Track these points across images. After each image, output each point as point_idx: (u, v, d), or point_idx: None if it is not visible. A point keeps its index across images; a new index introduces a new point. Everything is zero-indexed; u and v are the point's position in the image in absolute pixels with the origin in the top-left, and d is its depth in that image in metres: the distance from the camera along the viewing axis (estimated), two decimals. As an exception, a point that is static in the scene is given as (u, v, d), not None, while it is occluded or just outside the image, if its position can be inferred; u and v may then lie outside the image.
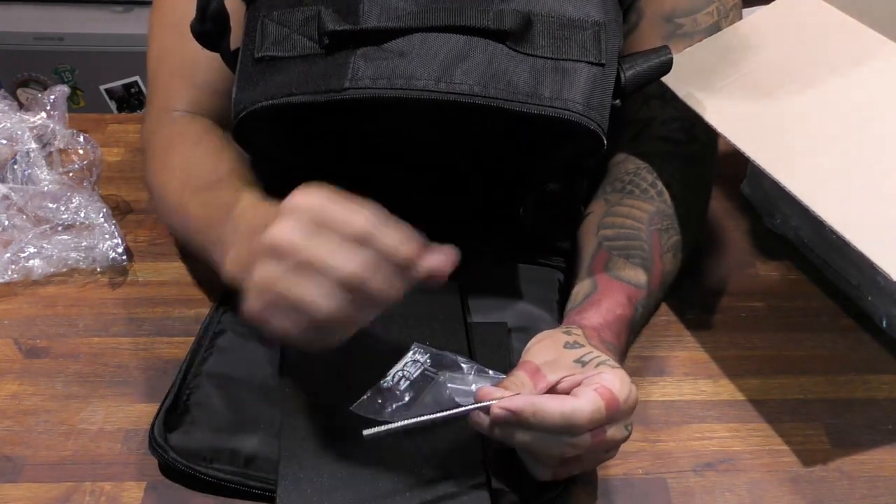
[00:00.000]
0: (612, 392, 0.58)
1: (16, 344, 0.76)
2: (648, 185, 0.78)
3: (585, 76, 0.66)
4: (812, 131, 0.71)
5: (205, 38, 0.70)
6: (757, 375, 0.75)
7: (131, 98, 1.81)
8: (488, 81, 0.63)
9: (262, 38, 0.67)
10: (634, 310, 0.72)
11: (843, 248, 0.81)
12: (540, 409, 0.57)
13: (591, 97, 0.65)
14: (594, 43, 0.67)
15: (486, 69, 0.64)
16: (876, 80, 0.74)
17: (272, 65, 0.66)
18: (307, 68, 0.65)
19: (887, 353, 0.78)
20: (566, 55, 0.66)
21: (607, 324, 0.69)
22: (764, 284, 0.85)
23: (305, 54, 0.65)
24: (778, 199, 0.88)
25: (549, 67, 0.65)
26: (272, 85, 0.65)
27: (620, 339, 0.70)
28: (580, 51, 0.66)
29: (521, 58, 0.65)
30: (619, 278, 0.73)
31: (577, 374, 0.60)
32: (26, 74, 1.79)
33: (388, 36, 0.64)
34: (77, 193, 0.85)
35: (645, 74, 0.71)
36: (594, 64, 0.66)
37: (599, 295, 0.71)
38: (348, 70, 0.63)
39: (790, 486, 0.66)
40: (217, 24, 0.68)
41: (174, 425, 0.66)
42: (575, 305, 0.71)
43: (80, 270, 0.83)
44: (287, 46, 0.66)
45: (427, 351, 0.65)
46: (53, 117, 0.90)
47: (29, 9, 1.77)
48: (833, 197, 0.66)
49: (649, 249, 0.75)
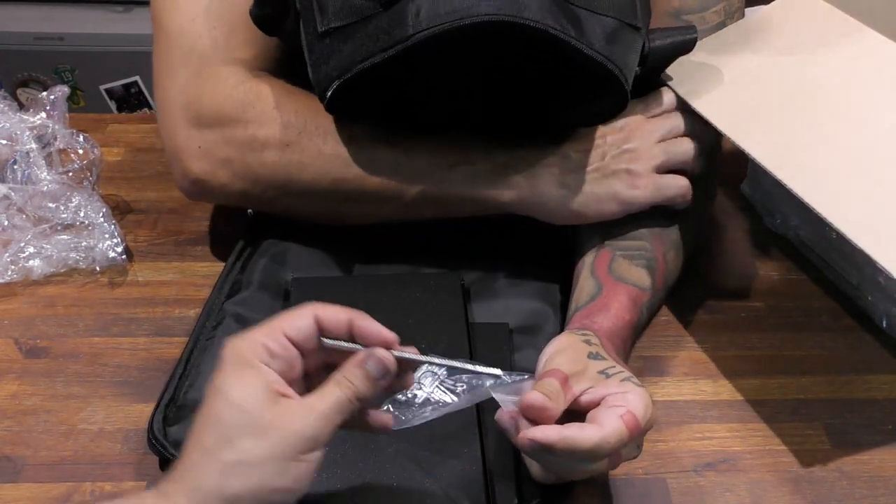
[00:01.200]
0: (637, 418, 0.57)
1: (16, 344, 0.76)
2: None
3: (625, 36, 0.68)
4: (812, 130, 0.71)
5: (264, 23, 0.70)
6: (757, 375, 0.75)
7: (131, 98, 1.81)
8: (545, 16, 0.64)
9: (321, 11, 0.67)
10: (640, 313, 0.72)
11: (843, 248, 0.81)
12: (571, 443, 0.56)
13: (621, 53, 0.68)
14: (630, 6, 0.69)
15: (542, 7, 0.64)
16: (876, 80, 0.74)
17: (338, 35, 0.66)
18: (372, 28, 0.65)
19: (887, 352, 0.78)
20: (608, 12, 0.67)
21: (617, 330, 0.69)
22: (764, 284, 0.85)
23: (366, 15, 0.66)
24: (778, 198, 0.88)
25: (594, 20, 0.66)
26: (344, 55, 0.66)
27: (627, 344, 0.70)
28: (620, 11, 0.68)
29: (568, 6, 0.66)
30: (625, 280, 0.73)
31: (599, 388, 0.59)
32: (26, 74, 1.79)
33: None
34: (77, 193, 0.85)
35: (669, 48, 0.74)
36: (631, 26, 0.69)
37: (606, 298, 0.71)
38: (409, 17, 0.64)
39: (790, 486, 0.66)
40: (276, 6, 0.69)
41: (173, 420, 0.66)
42: (580, 306, 0.71)
43: (80, 270, 0.83)
44: (347, 13, 0.66)
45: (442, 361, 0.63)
46: (53, 117, 0.90)
47: (29, 9, 1.77)
48: (834, 195, 0.66)
49: (652, 249, 0.75)
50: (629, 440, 0.57)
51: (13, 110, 0.90)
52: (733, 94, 0.76)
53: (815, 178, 0.67)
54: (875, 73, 0.74)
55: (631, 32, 0.69)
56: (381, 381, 0.54)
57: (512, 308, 0.76)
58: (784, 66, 0.77)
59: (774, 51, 0.79)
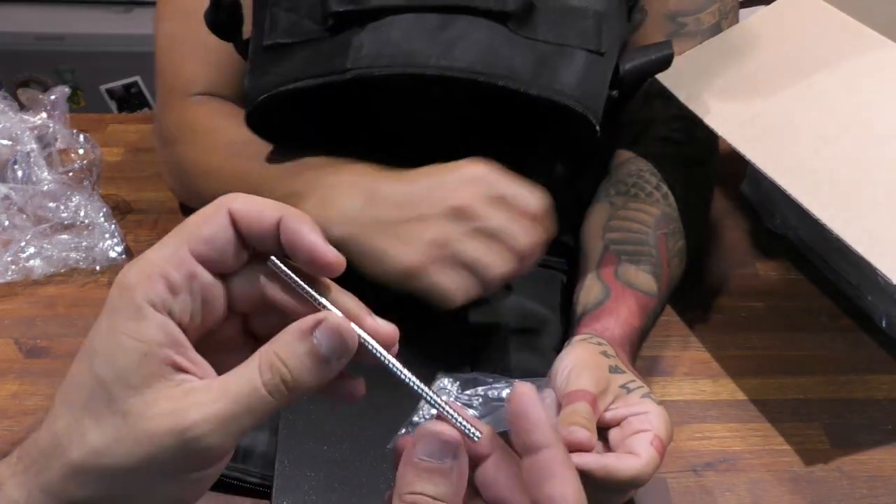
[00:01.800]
0: (663, 442, 0.57)
1: (16, 344, 0.76)
2: (653, 188, 0.78)
3: (583, 63, 0.66)
4: (812, 133, 0.71)
5: (219, 29, 0.70)
6: (757, 375, 0.75)
7: (131, 98, 1.81)
8: (488, 60, 0.63)
9: (272, 26, 0.67)
10: (647, 319, 0.72)
11: (843, 249, 0.81)
12: (611, 473, 0.55)
13: (587, 84, 0.66)
14: (595, 31, 0.67)
15: (486, 49, 0.64)
16: (876, 81, 0.74)
17: (281, 52, 0.66)
18: (313, 52, 0.65)
19: (887, 353, 0.78)
20: (566, 41, 0.66)
21: (627, 336, 0.69)
22: (764, 284, 0.85)
23: (312, 38, 0.66)
24: (778, 199, 0.88)
25: (549, 52, 0.65)
26: (281, 72, 0.66)
27: (634, 350, 0.70)
28: (580, 38, 0.67)
29: (521, 40, 0.65)
30: (632, 286, 0.72)
31: (621, 406, 0.59)
32: (27, 74, 1.79)
33: (390, 15, 0.65)
34: (77, 193, 0.85)
35: (644, 67, 0.71)
36: (593, 52, 0.67)
37: (615, 303, 0.71)
38: (350, 50, 0.64)
39: (790, 486, 0.66)
40: (230, 14, 0.69)
41: None
42: (588, 310, 0.71)
43: (80, 270, 0.83)
44: (295, 32, 0.67)
45: (455, 378, 0.62)
46: (54, 117, 0.90)
47: (29, 9, 1.77)
48: (832, 199, 0.66)
49: (657, 255, 0.75)
50: (660, 466, 0.57)
51: (13, 110, 0.90)
52: (732, 96, 0.76)
53: (814, 181, 0.67)
54: (875, 74, 0.74)
55: (598, 61, 0.67)
56: (332, 364, 0.36)
57: (512, 310, 0.76)
58: (783, 67, 0.77)
59: (774, 52, 0.79)
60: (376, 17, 0.64)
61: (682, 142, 0.81)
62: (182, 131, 0.81)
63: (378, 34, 0.64)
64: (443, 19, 0.64)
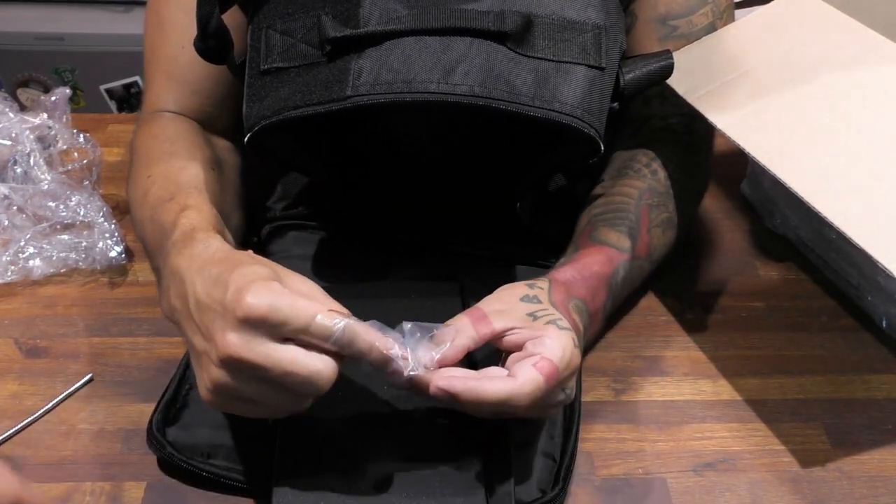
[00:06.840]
0: (553, 363, 0.57)
1: (16, 344, 0.76)
2: (643, 165, 0.79)
3: (584, 79, 0.65)
4: (812, 129, 0.71)
5: (208, 55, 0.69)
6: (756, 375, 0.75)
7: (131, 98, 1.81)
8: (488, 82, 0.63)
9: (268, 50, 0.66)
10: (615, 270, 0.72)
11: (843, 248, 0.81)
12: (477, 395, 0.56)
13: (589, 101, 0.65)
14: (594, 46, 0.66)
15: (486, 70, 0.63)
16: (876, 80, 0.74)
17: (278, 76, 0.66)
18: (311, 77, 0.64)
19: (887, 352, 0.78)
20: (566, 57, 0.65)
21: (582, 278, 0.69)
22: (764, 284, 0.85)
23: (309, 63, 0.65)
24: (778, 199, 0.88)
25: (549, 69, 0.65)
26: (279, 98, 0.65)
27: (595, 296, 0.70)
28: (580, 53, 0.66)
29: (521, 59, 0.64)
30: (601, 241, 0.73)
31: (523, 330, 0.60)
32: (26, 74, 1.79)
33: (388, 39, 0.64)
34: (77, 193, 0.85)
35: (645, 78, 0.70)
36: (594, 67, 0.66)
37: (578, 255, 0.72)
38: (349, 77, 0.63)
39: (790, 486, 0.66)
40: (219, 40, 0.68)
41: (173, 420, 0.66)
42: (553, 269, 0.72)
43: (80, 270, 0.83)
44: (291, 56, 0.66)
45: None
46: (54, 118, 0.90)
47: (29, 9, 1.77)
48: (833, 194, 0.66)
49: (636, 220, 0.75)
50: (547, 388, 0.57)
51: (14, 110, 0.90)
52: (731, 91, 0.76)
53: (815, 177, 0.67)
54: (875, 74, 0.74)
55: (599, 76, 0.66)
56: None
57: None
58: (783, 66, 0.77)
59: (772, 49, 0.79)
60: (373, 41, 0.64)
61: (681, 131, 0.82)
62: (134, 153, 0.78)
63: (377, 59, 0.63)
64: (442, 42, 0.64)
